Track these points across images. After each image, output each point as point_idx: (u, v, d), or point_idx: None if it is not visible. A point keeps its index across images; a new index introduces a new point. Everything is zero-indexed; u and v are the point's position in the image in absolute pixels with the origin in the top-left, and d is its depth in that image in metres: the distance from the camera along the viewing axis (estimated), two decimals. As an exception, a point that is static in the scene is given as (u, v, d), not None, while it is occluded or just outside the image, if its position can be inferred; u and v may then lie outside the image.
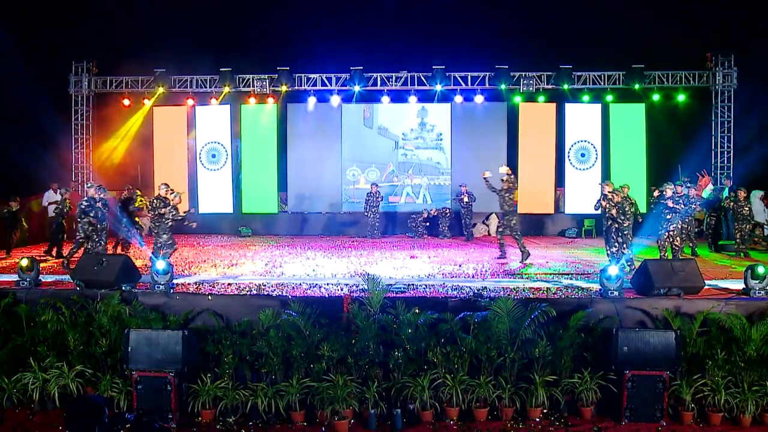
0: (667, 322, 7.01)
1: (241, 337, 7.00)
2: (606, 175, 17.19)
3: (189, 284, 8.86)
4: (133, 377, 6.66)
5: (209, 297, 7.67)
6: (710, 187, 14.85)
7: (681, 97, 16.88)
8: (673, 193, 10.77)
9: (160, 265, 7.92)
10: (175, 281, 8.35)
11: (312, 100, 17.23)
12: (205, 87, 17.40)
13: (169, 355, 6.60)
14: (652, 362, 6.56)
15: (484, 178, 11.38)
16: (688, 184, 15.29)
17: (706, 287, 8.02)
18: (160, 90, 17.19)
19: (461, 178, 16.49)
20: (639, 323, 7.24)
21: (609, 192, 10.70)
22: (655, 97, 16.89)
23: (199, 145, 17.73)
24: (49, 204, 13.96)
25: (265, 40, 17.36)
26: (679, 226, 10.53)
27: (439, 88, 16.88)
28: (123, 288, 7.80)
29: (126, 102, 17.41)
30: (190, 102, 17.39)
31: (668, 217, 10.48)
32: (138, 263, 9.62)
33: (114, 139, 17.91)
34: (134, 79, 17.52)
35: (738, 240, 12.40)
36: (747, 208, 12.56)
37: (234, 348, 6.93)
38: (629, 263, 9.81)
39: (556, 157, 17.30)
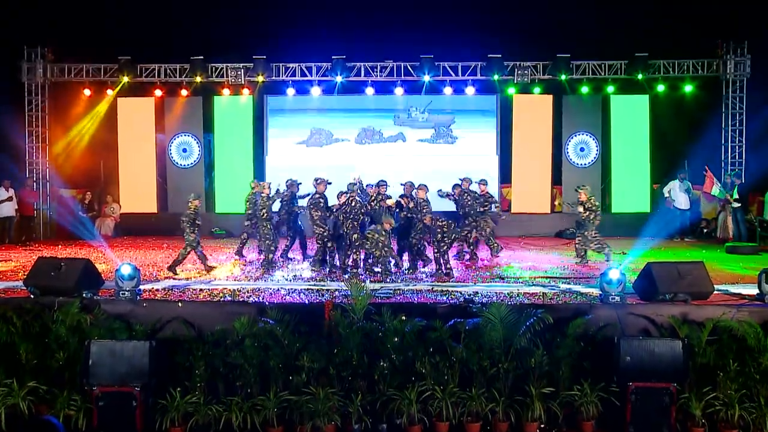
0: (673, 330, 7.01)
1: (214, 347, 6.93)
2: (606, 172, 17.33)
3: (157, 290, 8.80)
4: (94, 393, 6.53)
5: (179, 304, 7.59)
6: (718, 185, 14.93)
7: (688, 88, 16.78)
8: (590, 197, 11.50)
9: (126, 269, 7.82)
10: (142, 287, 8.27)
11: (291, 92, 17.15)
12: (175, 76, 17.22)
13: (134, 367, 6.50)
14: (657, 373, 6.53)
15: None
16: (687, 182, 15.57)
17: (716, 292, 8.04)
18: (125, 79, 16.90)
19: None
20: (643, 331, 7.24)
21: (586, 199, 11.45)
22: (660, 87, 16.80)
23: (168, 140, 17.61)
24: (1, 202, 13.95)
25: (239, 27, 17.22)
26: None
27: (427, 78, 16.86)
28: (84, 295, 7.68)
29: (86, 92, 17.10)
30: (158, 93, 17.21)
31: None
32: (101, 268, 9.52)
33: (73, 134, 17.56)
34: (96, 67, 17.17)
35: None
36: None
37: (206, 359, 6.85)
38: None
39: (553, 152, 17.37)
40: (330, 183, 11.13)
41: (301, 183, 12.03)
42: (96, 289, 8.14)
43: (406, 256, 11.18)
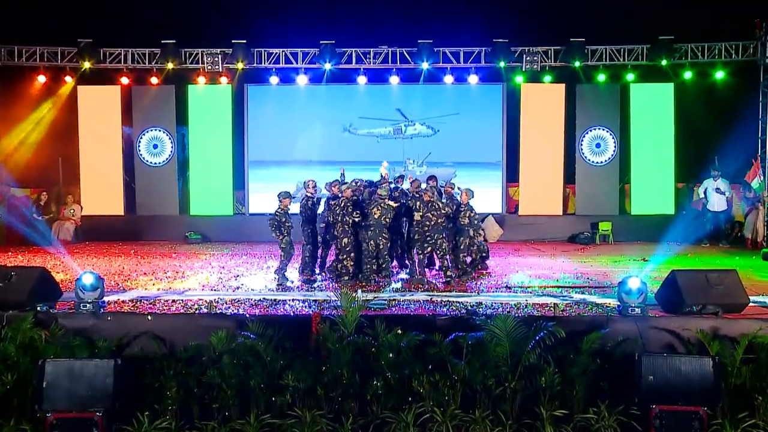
0: (702, 346, 6.99)
1: (188, 366, 6.90)
2: (625, 171, 17.36)
3: (124, 302, 8.76)
4: (48, 420, 6.44)
5: (149, 317, 7.56)
6: (761, 178, 14.84)
7: (719, 74, 16.54)
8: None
9: (87, 279, 7.77)
10: (106, 298, 8.22)
11: (274, 80, 17.13)
12: (144, 62, 17.10)
13: (96, 390, 6.44)
14: (684, 395, 6.50)
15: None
16: (720, 177, 15.54)
17: (751, 304, 8.04)
18: (86, 65, 16.71)
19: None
20: (667, 347, 7.23)
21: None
22: (687, 74, 16.65)
23: (136, 134, 17.55)
24: None
25: (217, 7, 17.22)
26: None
27: (425, 66, 16.85)
28: (38, 308, 7.62)
29: (41, 79, 16.83)
30: (125, 80, 17.11)
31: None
32: (59, 277, 9.48)
33: (26, 125, 17.32)
34: (52, 50, 16.90)
35: None
36: None
37: (179, 379, 6.81)
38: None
39: (566, 148, 17.40)
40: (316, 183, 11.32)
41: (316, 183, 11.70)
42: (53, 301, 8.08)
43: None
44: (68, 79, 17.05)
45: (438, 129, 17.32)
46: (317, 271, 11.28)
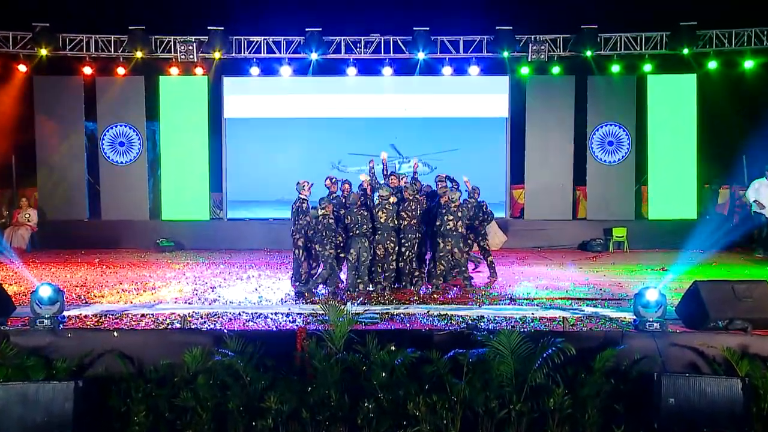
0: (729, 365, 7.01)
1: (158, 387, 6.89)
2: (642, 171, 17.41)
3: (86, 317, 8.75)
4: (-2, 453, 6.48)
5: (115, 333, 7.53)
6: None
7: (749, 64, 16.52)
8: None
9: (45, 291, 7.72)
10: (66, 313, 8.20)
11: (255, 71, 17.14)
12: (109, 50, 17.07)
13: (54, 416, 6.42)
14: (709, 421, 6.51)
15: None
16: None
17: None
18: (43, 53, 16.55)
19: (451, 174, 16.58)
20: (689, 366, 7.24)
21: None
22: (712, 64, 16.64)
23: (101, 130, 17.50)
24: None
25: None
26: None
27: (421, 56, 16.90)
28: (-13, 325, 7.61)
29: (-11, 67, 16.80)
30: (88, 70, 17.05)
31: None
32: (11, 290, 9.44)
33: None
34: (2, 35, 16.76)
35: None
36: None
37: (148, 401, 6.80)
38: None
39: (575, 146, 17.48)
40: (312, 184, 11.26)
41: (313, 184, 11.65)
42: (4, 317, 8.06)
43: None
44: (22, 68, 16.81)
45: (435, 166, 17.12)
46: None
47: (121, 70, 17.00)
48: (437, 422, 6.75)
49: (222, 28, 16.86)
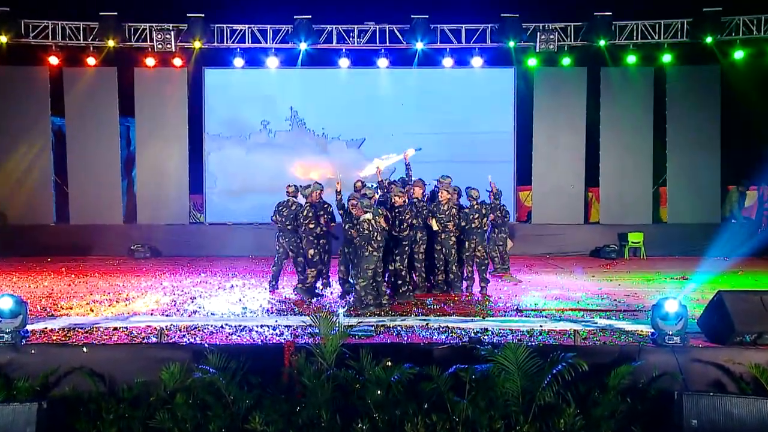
0: (758, 384, 7.04)
1: (132, 407, 6.88)
2: (660, 171, 17.42)
3: (53, 331, 8.68)
4: (-48, 483, 6.45)
5: (84, 349, 7.53)
6: None
7: None
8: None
9: (5, 303, 7.68)
10: (29, 327, 8.16)
11: (238, 62, 17.15)
12: (78, 38, 17.07)
13: (14, 441, 6.40)
14: (737, 444, 6.51)
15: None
16: None
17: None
18: (3, 40, 16.49)
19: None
20: (714, 384, 7.25)
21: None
22: (738, 54, 16.64)
23: (69, 126, 17.49)
24: None
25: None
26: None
27: (420, 46, 16.96)
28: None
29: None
30: (54, 60, 17.03)
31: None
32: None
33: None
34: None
35: None
36: None
37: (120, 423, 6.80)
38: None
39: (588, 144, 17.52)
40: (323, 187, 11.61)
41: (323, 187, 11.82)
42: (-40, 332, 8.03)
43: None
44: (-21, 58, 16.78)
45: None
46: (319, 287, 11.66)
47: (91, 61, 17.02)
48: (437, 445, 6.77)
49: (202, 15, 16.86)
